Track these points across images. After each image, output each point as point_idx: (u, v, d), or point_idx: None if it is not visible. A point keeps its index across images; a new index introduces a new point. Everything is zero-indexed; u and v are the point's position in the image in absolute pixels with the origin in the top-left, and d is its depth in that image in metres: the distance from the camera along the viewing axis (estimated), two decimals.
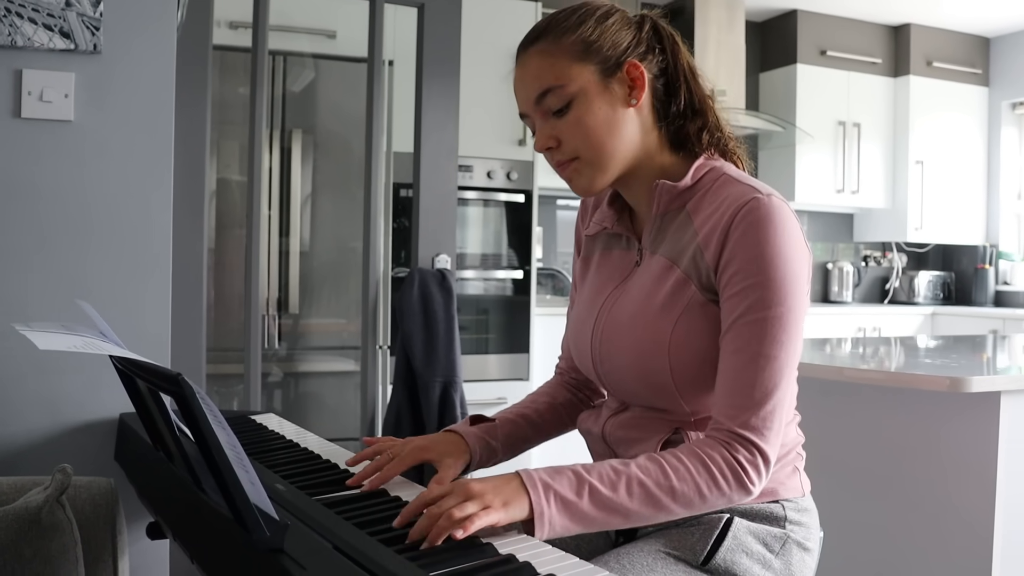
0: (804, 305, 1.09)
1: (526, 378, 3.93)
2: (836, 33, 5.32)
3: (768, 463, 1.06)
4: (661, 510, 1.03)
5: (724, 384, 1.08)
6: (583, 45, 1.13)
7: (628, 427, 1.21)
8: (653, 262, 1.18)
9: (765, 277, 1.06)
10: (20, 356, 1.61)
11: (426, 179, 2.65)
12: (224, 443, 0.84)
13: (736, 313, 1.07)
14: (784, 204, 1.10)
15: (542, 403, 1.37)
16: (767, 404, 1.06)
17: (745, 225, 1.07)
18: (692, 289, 1.12)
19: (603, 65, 1.14)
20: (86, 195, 1.67)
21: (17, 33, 1.61)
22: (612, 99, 1.14)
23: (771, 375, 1.06)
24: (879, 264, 5.80)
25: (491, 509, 0.94)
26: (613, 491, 1.01)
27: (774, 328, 1.06)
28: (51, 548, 1.23)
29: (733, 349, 1.07)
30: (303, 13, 3.41)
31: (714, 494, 1.04)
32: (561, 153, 1.17)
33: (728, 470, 1.04)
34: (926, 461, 2.11)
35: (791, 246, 1.07)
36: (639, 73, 1.15)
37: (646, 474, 1.02)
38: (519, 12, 3.97)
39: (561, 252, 4.99)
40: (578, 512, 0.99)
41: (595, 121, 1.14)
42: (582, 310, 1.29)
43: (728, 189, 1.13)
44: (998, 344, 2.97)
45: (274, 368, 3.34)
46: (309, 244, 3.40)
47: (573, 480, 1.00)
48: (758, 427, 1.05)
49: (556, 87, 1.13)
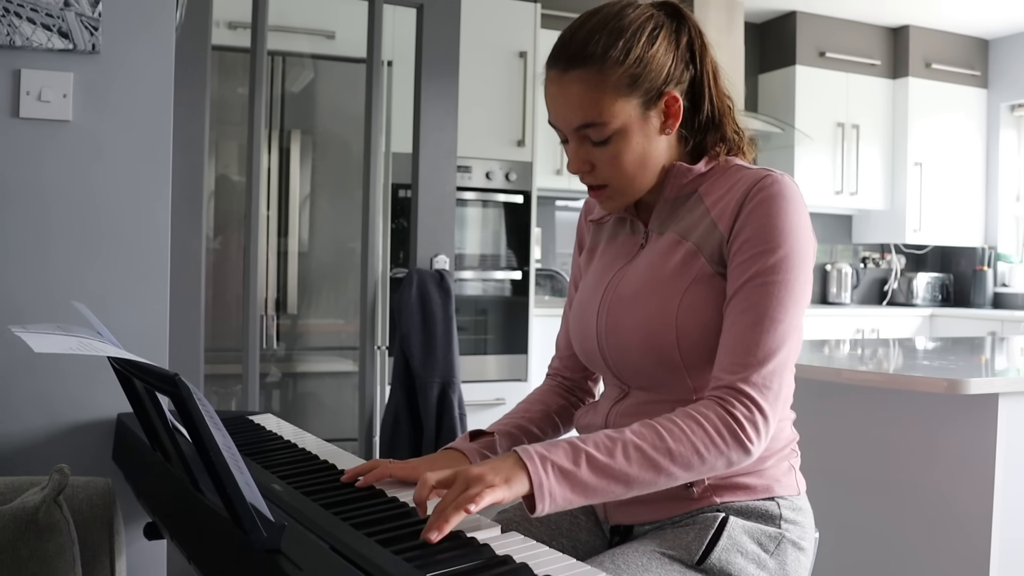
0: (809, 279, 1.12)
1: (524, 379, 3.93)
2: (835, 35, 5.33)
3: (767, 422, 1.06)
4: (661, 473, 1.02)
5: (727, 343, 1.09)
6: (630, 79, 1.12)
7: (631, 415, 1.21)
8: (661, 240, 1.20)
9: (775, 244, 1.09)
10: (17, 356, 1.61)
11: (425, 180, 2.65)
12: (220, 444, 0.84)
13: (744, 277, 1.09)
14: (795, 184, 1.14)
15: (536, 411, 1.38)
16: (769, 363, 1.07)
17: (760, 198, 1.11)
18: (701, 261, 1.14)
19: (645, 97, 1.14)
20: (84, 195, 1.67)
21: (16, 33, 1.61)
22: (649, 130, 1.16)
23: (775, 337, 1.07)
24: (878, 266, 5.81)
25: (495, 487, 0.95)
26: (610, 457, 1.01)
27: (781, 292, 1.08)
28: (48, 548, 1.23)
29: (739, 311, 1.09)
30: (302, 13, 3.41)
31: (712, 453, 1.04)
32: (593, 178, 1.19)
33: (724, 427, 1.04)
34: (924, 463, 2.11)
35: (801, 220, 1.11)
36: (676, 105, 1.16)
37: (641, 438, 1.03)
38: (518, 13, 3.97)
39: (560, 253, 4.99)
40: (578, 481, 0.99)
41: (631, 156, 1.15)
42: (586, 292, 1.29)
43: (741, 172, 1.17)
44: (996, 346, 2.97)
45: (272, 368, 3.34)
46: (308, 244, 3.40)
47: (569, 450, 1.01)
48: (758, 384, 1.06)
49: (600, 123, 1.13)
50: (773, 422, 1.07)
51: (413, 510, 1.05)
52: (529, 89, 3.95)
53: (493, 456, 1.26)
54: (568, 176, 4.38)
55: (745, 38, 4.98)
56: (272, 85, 3.30)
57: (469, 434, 1.32)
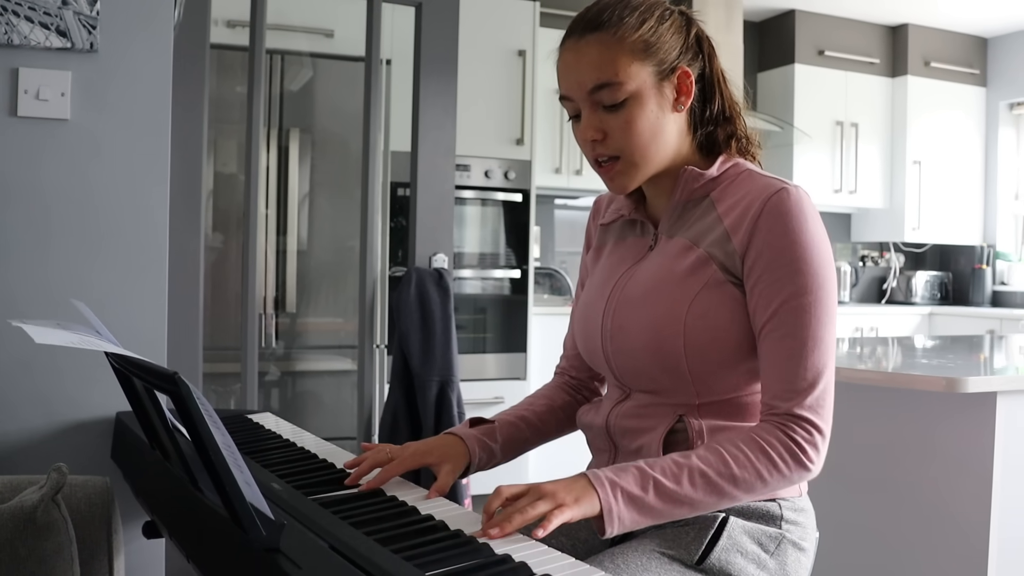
0: (835, 289, 1.14)
1: (523, 377, 3.93)
2: (834, 33, 5.33)
3: (825, 439, 1.11)
4: (724, 497, 1.07)
5: (775, 370, 1.11)
6: (644, 45, 1.14)
7: (632, 417, 1.21)
8: (671, 244, 1.20)
9: (802, 263, 1.10)
10: (16, 354, 1.61)
11: (423, 178, 2.65)
12: (219, 443, 0.84)
13: (778, 301, 1.10)
14: (808, 195, 1.14)
15: (540, 406, 1.38)
16: (819, 384, 1.10)
17: (775, 215, 1.11)
18: (712, 268, 1.14)
19: (659, 67, 1.15)
20: (83, 194, 1.67)
21: (13, 31, 1.61)
22: (662, 102, 1.16)
23: (820, 356, 1.10)
24: (876, 264, 5.81)
25: (565, 507, 0.98)
26: (677, 484, 1.05)
27: (818, 311, 1.10)
28: (46, 547, 1.23)
29: (780, 336, 1.10)
30: (301, 12, 3.40)
31: (775, 477, 1.08)
32: (605, 147, 1.18)
33: (787, 452, 1.08)
34: (922, 462, 2.11)
35: (820, 235, 1.13)
36: (689, 80, 1.17)
37: (707, 464, 1.06)
38: (517, 11, 3.97)
39: (559, 252, 4.98)
40: (645, 506, 1.04)
41: (644, 124, 1.15)
42: (592, 293, 1.29)
43: (753, 181, 1.17)
44: (995, 344, 2.98)
45: (271, 367, 3.34)
46: (306, 243, 3.40)
47: (638, 476, 1.04)
48: (813, 406, 1.10)
49: (615, 83, 1.14)
50: (829, 433, 1.12)
51: (412, 509, 1.05)
52: (528, 87, 3.95)
53: (491, 443, 1.29)
54: (567, 175, 4.38)
55: (744, 36, 4.98)
56: (271, 84, 3.30)
57: (469, 420, 1.33)
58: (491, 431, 1.30)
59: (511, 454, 1.33)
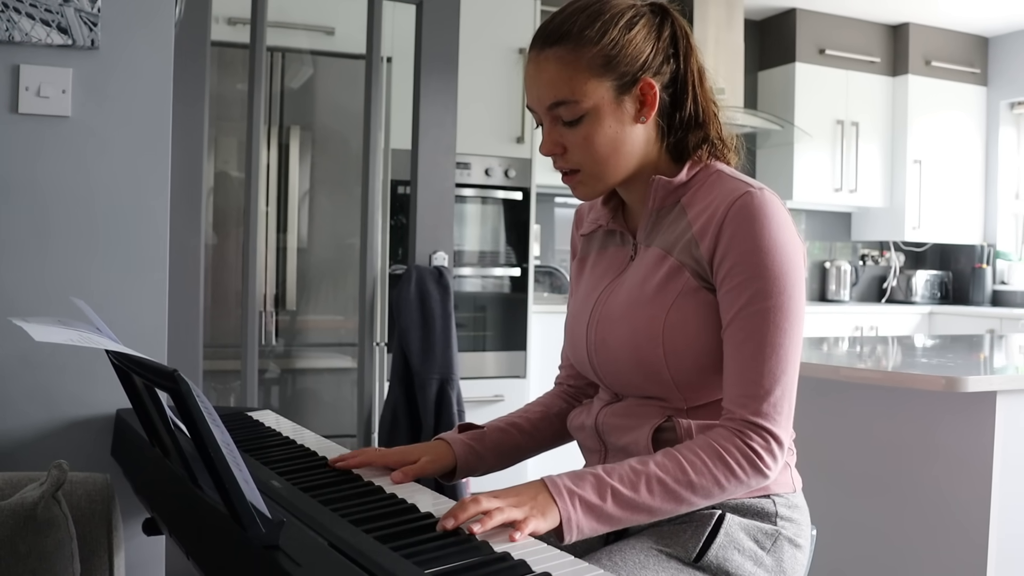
0: (802, 293, 1.12)
1: (523, 375, 3.93)
2: (835, 32, 5.32)
3: (782, 446, 1.10)
4: (682, 503, 1.07)
5: (733, 375, 1.11)
6: (603, 60, 1.12)
7: (620, 415, 1.22)
8: (648, 254, 1.20)
9: (763, 268, 1.09)
10: (16, 351, 1.61)
11: (424, 176, 2.65)
12: (218, 440, 0.84)
13: (738, 305, 1.10)
14: (776, 197, 1.13)
15: (535, 412, 1.39)
16: (776, 391, 1.09)
17: (739, 219, 1.10)
18: (686, 276, 1.14)
19: (619, 81, 1.13)
20: (83, 191, 1.67)
21: (15, 28, 1.61)
22: (622, 116, 1.15)
23: (777, 362, 1.09)
24: (877, 263, 5.81)
25: (532, 518, 0.98)
26: (634, 491, 1.05)
27: (777, 317, 1.09)
28: (47, 544, 1.23)
29: (739, 340, 1.10)
30: (301, 9, 3.40)
31: (732, 483, 1.08)
32: (564, 162, 1.18)
33: (743, 459, 1.08)
34: (922, 461, 2.11)
35: (785, 237, 1.10)
36: (652, 92, 1.15)
37: (665, 472, 1.06)
38: (517, 9, 3.96)
39: (559, 250, 4.99)
40: (603, 514, 1.04)
41: (603, 139, 1.15)
42: (578, 306, 1.30)
43: (722, 185, 1.15)
44: (995, 344, 2.98)
45: (271, 365, 3.34)
46: (307, 241, 3.40)
47: (595, 484, 1.04)
48: (769, 413, 1.09)
49: (571, 101, 1.13)
50: (788, 441, 1.11)
51: (412, 506, 1.05)
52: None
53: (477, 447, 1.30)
54: None
55: (745, 35, 4.98)
56: (271, 81, 3.30)
57: (459, 426, 1.34)
58: (479, 436, 1.31)
59: (504, 460, 1.33)
